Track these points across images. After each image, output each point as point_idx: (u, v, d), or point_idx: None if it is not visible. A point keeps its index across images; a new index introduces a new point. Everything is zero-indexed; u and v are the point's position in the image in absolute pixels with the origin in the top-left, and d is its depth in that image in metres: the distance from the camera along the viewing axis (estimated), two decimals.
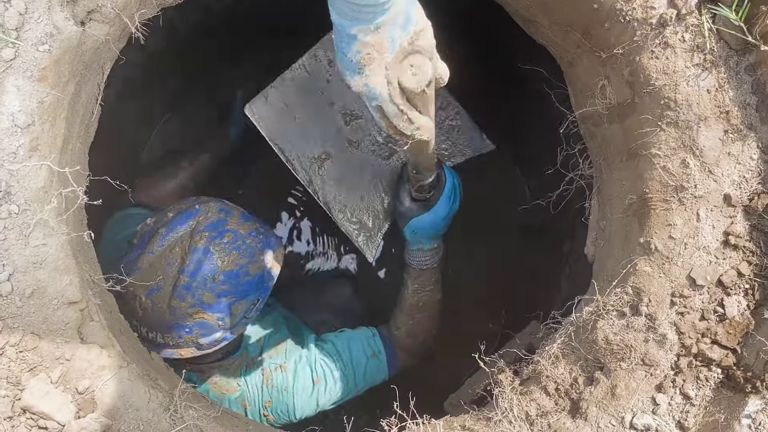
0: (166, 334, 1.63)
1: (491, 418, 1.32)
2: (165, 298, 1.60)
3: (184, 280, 1.60)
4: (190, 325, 1.63)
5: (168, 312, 1.60)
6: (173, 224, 1.67)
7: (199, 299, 1.62)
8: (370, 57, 1.00)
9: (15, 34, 1.13)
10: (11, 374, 1.10)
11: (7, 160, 1.11)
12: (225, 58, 2.99)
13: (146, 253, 1.64)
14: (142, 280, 1.58)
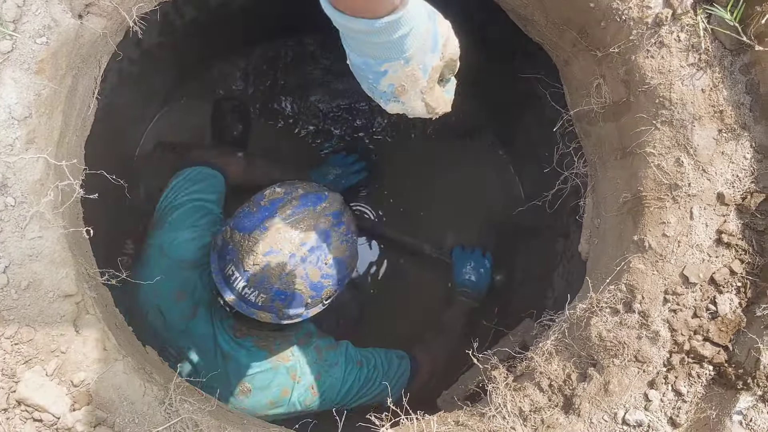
0: (263, 294, 1.71)
1: (485, 413, 1.33)
2: (281, 264, 1.69)
3: (303, 252, 1.71)
4: (287, 293, 1.72)
5: (277, 276, 1.69)
6: (305, 200, 1.79)
7: (306, 274, 1.73)
8: (404, 88, 0.98)
9: (13, 26, 1.12)
10: (6, 366, 1.09)
11: (4, 152, 1.11)
12: (220, 53, 2.99)
13: (276, 217, 1.73)
14: (264, 239, 1.70)
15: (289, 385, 1.92)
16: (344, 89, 3.12)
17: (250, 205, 1.80)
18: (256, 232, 1.70)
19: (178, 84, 2.94)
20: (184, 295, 1.87)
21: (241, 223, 1.73)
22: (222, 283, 1.73)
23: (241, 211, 1.79)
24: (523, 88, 2.67)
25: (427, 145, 3.14)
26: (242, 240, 1.70)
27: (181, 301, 1.87)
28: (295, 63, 3.09)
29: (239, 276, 1.70)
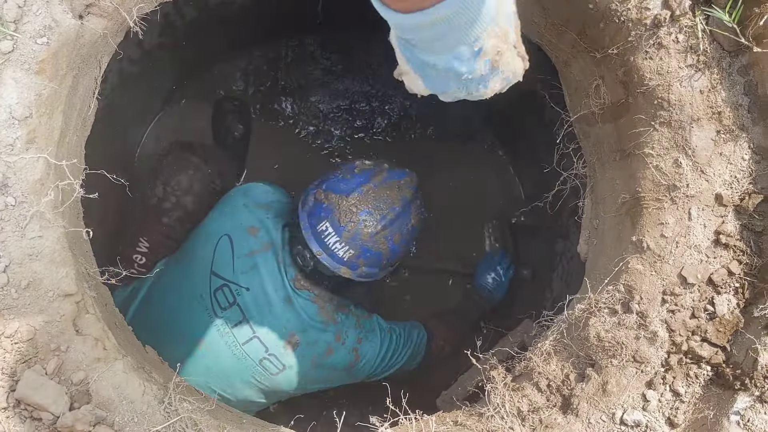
0: (351, 250, 1.90)
1: (483, 413, 1.33)
2: (372, 224, 1.90)
3: (391, 216, 1.93)
4: (372, 251, 1.93)
5: (368, 235, 1.90)
6: (391, 173, 2.02)
7: (391, 236, 1.95)
8: (501, 53, 0.85)
9: (13, 27, 1.13)
10: (6, 365, 1.10)
11: (4, 152, 1.12)
12: (221, 53, 2.99)
13: (369, 183, 1.95)
14: (360, 201, 1.91)
15: (334, 345, 2.03)
16: (344, 89, 3.13)
17: (343, 172, 2.01)
18: (353, 194, 1.91)
19: (178, 84, 2.95)
20: (256, 231, 2.01)
21: (336, 185, 1.94)
22: (312, 237, 1.90)
23: (334, 177, 1.99)
24: (522, 89, 2.67)
25: (426, 145, 3.15)
26: (339, 200, 1.90)
27: (252, 235, 2.00)
28: (296, 63, 3.09)
29: (333, 232, 1.89)
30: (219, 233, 2.01)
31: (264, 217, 2.05)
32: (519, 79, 0.93)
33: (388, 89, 3.14)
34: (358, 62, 3.13)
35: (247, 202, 2.08)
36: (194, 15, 2.47)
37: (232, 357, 1.96)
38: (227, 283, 1.96)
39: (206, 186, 2.39)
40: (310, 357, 2.00)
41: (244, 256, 1.97)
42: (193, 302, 1.98)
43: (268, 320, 1.94)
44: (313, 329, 1.99)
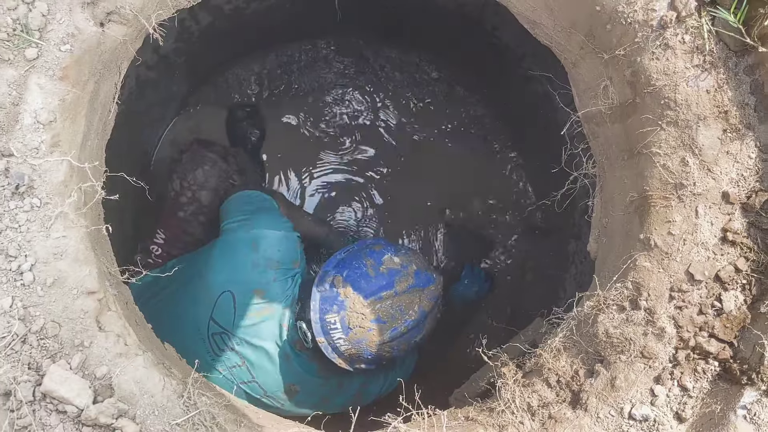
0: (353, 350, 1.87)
1: (494, 408, 1.36)
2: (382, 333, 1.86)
3: (404, 329, 1.89)
4: (374, 356, 1.90)
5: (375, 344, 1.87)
6: (418, 279, 1.95)
7: (398, 346, 1.92)
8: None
9: (38, 35, 1.17)
10: (33, 360, 1.14)
11: (30, 155, 1.16)
12: (235, 57, 3.04)
13: (391, 290, 1.89)
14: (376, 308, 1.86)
15: (333, 393, 2.07)
16: (358, 92, 3.17)
17: (368, 267, 1.92)
18: (372, 299, 1.85)
19: (194, 88, 3.00)
20: (262, 294, 1.96)
21: (357, 282, 1.88)
22: (318, 324, 1.87)
23: (358, 269, 1.92)
24: (535, 90, 2.70)
25: (439, 146, 3.17)
26: (356, 300, 1.84)
27: (257, 296, 1.96)
28: (309, 66, 3.13)
29: (340, 329, 1.85)
30: (222, 287, 1.96)
31: (271, 280, 1.99)
32: None
33: (401, 91, 3.17)
34: (371, 65, 3.17)
35: (257, 260, 1.99)
36: (209, 20, 2.52)
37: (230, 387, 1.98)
38: (226, 332, 1.96)
39: (223, 182, 2.44)
40: (309, 403, 2.04)
41: (246, 315, 1.95)
42: (192, 332, 1.99)
43: (267, 371, 1.96)
44: (311, 383, 2.00)
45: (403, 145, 3.15)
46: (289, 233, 2.08)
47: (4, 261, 1.14)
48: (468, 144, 3.18)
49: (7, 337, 1.11)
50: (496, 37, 2.71)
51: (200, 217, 2.42)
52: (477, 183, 3.16)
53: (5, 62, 1.15)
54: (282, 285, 1.98)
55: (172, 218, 2.41)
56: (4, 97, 1.15)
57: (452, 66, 3.18)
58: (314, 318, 1.87)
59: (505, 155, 3.20)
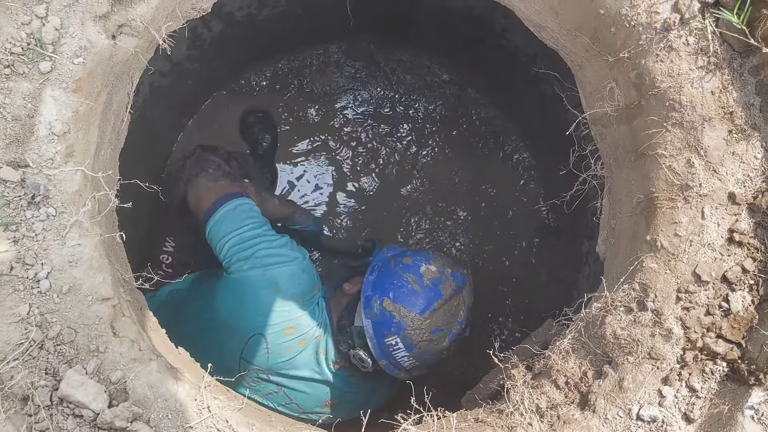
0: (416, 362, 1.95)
1: (503, 410, 1.37)
2: (442, 339, 1.95)
3: (458, 330, 1.99)
4: (434, 361, 2.00)
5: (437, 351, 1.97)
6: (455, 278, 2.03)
7: (455, 347, 2.01)
8: None
9: (51, 48, 1.20)
10: (50, 366, 1.17)
11: (45, 165, 1.19)
12: (247, 63, 3.07)
13: (441, 298, 1.96)
14: (433, 319, 1.93)
15: (369, 398, 2.15)
16: (369, 96, 3.19)
17: (411, 283, 1.98)
18: (428, 312, 1.92)
19: (207, 94, 3.04)
20: (293, 330, 1.97)
21: (408, 300, 1.94)
22: (378, 348, 1.95)
23: (402, 287, 1.98)
24: (545, 91, 2.70)
25: (453, 147, 3.19)
26: (413, 318, 1.91)
27: (288, 335, 1.97)
28: (321, 71, 3.16)
29: (403, 348, 1.93)
30: (251, 330, 1.96)
31: (299, 314, 1.99)
32: None
33: (412, 94, 3.19)
34: (382, 68, 3.19)
35: (283, 300, 1.97)
36: (221, 27, 2.55)
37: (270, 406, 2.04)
38: (260, 369, 1.99)
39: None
40: (346, 409, 2.11)
41: (280, 352, 1.97)
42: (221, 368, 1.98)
43: (306, 394, 2.02)
44: (348, 394, 2.11)
45: (417, 148, 3.17)
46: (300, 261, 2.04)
47: (21, 269, 1.17)
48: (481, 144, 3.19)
49: (24, 343, 1.14)
50: (506, 39, 2.71)
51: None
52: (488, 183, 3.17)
53: (20, 76, 1.19)
54: (310, 315, 2.01)
55: (180, 224, 2.43)
56: (19, 110, 1.18)
57: (463, 68, 3.19)
58: (372, 344, 1.95)
59: (518, 156, 3.20)
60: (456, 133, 3.20)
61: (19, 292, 1.16)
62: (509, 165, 3.21)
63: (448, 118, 3.19)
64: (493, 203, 3.18)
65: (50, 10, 1.21)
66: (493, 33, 2.73)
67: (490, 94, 3.21)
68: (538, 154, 3.14)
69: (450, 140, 3.20)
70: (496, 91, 3.19)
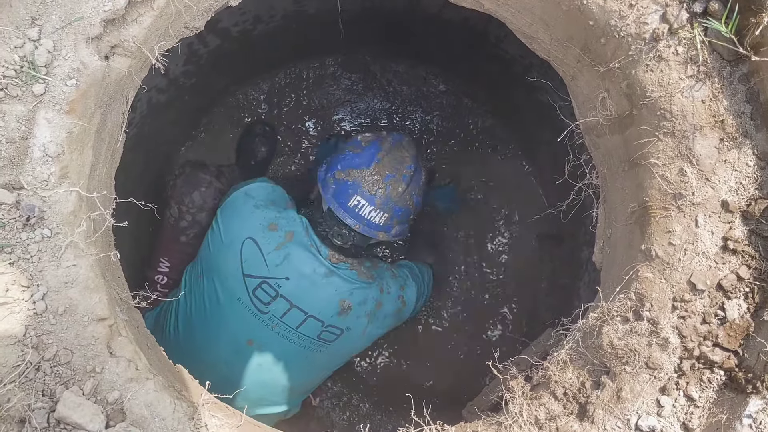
0: (385, 214, 2.07)
1: (502, 422, 1.36)
2: (398, 183, 2.08)
3: (410, 173, 2.12)
4: (403, 209, 2.12)
5: (397, 195, 2.08)
6: (393, 138, 2.20)
7: (413, 190, 2.14)
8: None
9: (44, 71, 1.21)
10: (46, 387, 1.17)
11: (40, 187, 1.20)
12: (244, 78, 3.09)
13: (382, 150, 2.13)
14: (381, 167, 2.08)
15: (380, 298, 2.22)
16: (366, 107, 3.20)
17: (352, 148, 2.18)
18: (373, 165, 2.08)
19: (205, 109, 3.05)
20: (275, 227, 2.10)
21: (353, 161, 2.11)
22: (346, 214, 2.06)
23: (345, 156, 2.16)
24: (542, 99, 2.71)
25: (450, 157, 3.19)
26: (362, 173, 2.07)
27: (273, 231, 2.09)
28: (317, 84, 3.18)
29: (366, 203, 2.05)
30: (240, 238, 2.07)
31: (275, 213, 2.13)
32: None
33: (409, 105, 3.20)
34: (379, 80, 3.20)
35: (257, 203, 2.15)
36: (217, 42, 2.56)
37: (288, 343, 2.10)
38: (264, 280, 2.05)
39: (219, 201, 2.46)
40: (364, 314, 2.17)
41: (273, 251, 2.05)
42: (233, 307, 2.06)
43: (317, 297, 2.08)
44: (358, 290, 2.14)
45: None
46: (269, 181, 2.29)
47: (17, 291, 1.17)
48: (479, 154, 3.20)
49: (21, 365, 1.15)
50: (501, 49, 2.72)
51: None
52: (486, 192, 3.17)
53: (14, 98, 1.19)
54: (287, 215, 2.14)
55: (174, 244, 2.43)
56: (13, 132, 1.19)
57: (459, 78, 3.20)
58: (341, 213, 2.06)
59: (515, 164, 3.21)
60: (453, 142, 3.21)
61: (15, 314, 1.16)
62: (507, 174, 3.21)
63: (445, 128, 3.20)
64: (491, 212, 3.18)
65: (43, 33, 1.22)
66: (488, 43, 2.74)
67: (486, 104, 3.22)
68: (537, 161, 3.14)
69: (447, 150, 3.21)
70: (492, 101, 3.20)
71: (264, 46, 2.83)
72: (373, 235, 2.09)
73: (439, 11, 2.69)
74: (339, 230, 2.10)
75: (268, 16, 2.61)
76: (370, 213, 2.06)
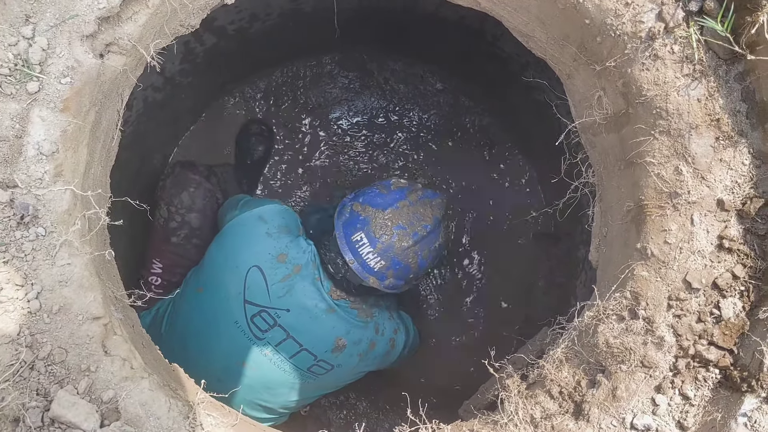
0: (382, 261, 2.02)
1: (498, 421, 1.36)
2: (405, 238, 2.03)
3: (423, 233, 2.06)
4: (401, 265, 2.05)
5: (400, 248, 2.03)
6: (427, 192, 2.17)
7: (420, 252, 2.07)
8: None
9: (39, 69, 1.21)
10: (41, 386, 1.17)
11: (34, 185, 1.19)
12: (241, 76, 3.08)
13: (405, 200, 2.09)
14: (395, 216, 2.05)
15: (374, 338, 2.20)
16: (363, 106, 3.20)
17: (379, 188, 2.16)
18: (389, 210, 2.04)
19: (201, 108, 3.04)
20: (284, 257, 2.08)
21: (374, 200, 2.08)
22: (346, 246, 2.02)
23: (370, 192, 2.14)
24: (538, 98, 2.71)
25: (448, 155, 3.19)
26: (375, 213, 2.03)
27: (281, 262, 2.06)
28: (314, 82, 3.17)
29: (367, 243, 2.01)
30: (247, 265, 2.04)
31: (287, 243, 2.09)
32: None
33: (406, 103, 3.20)
34: (376, 78, 3.20)
35: (269, 230, 2.11)
36: (213, 41, 2.56)
37: (278, 371, 2.09)
38: (265, 309, 2.03)
39: (209, 201, 2.47)
40: (357, 353, 2.15)
41: (278, 282, 2.03)
42: (228, 328, 2.04)
43: (314, 332, 2.06)
44: (355, 329, 2.13)
45: (411, 156, 3.17)
46: (282, 204, 2.26)
47: (12, 289, 1.17)
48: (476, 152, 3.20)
49: (15, 364, 1.14)
50: (498, 48, 2.72)
51: (193, 240, 2.43)
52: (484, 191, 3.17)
53: (8, 96, 1.19)
54: (299, 245, 2.11)
55: (165, 245, 2.42)
56: (7, 131, 1.18)
57: (456, 77, 3.20)
58: (341, 243, 2.03)
59: (513, 163, 3.21)
60: (450, 141, 3.21)
61: (9, 313, 1.16)
62: (504, 172, 3.21)
63: (443, 126, 3.20)
64: (488, 211, 3.18)
65: (37, 31, 1.21)
66: (484, 42, 2.74)
67: (483, 103, 3.22)
68: (533, 161, 3.14)
69: (444, 149, 3.21)
70: (489, 99, 3.20)
71: (260, 45, 2.83)
72: (364, 277, 2.04)
73: (436, 9, 2.68)
74: (335, 259, 2.06)
75: (265, 14, 2.61)
76: (367, 254, 2.02)
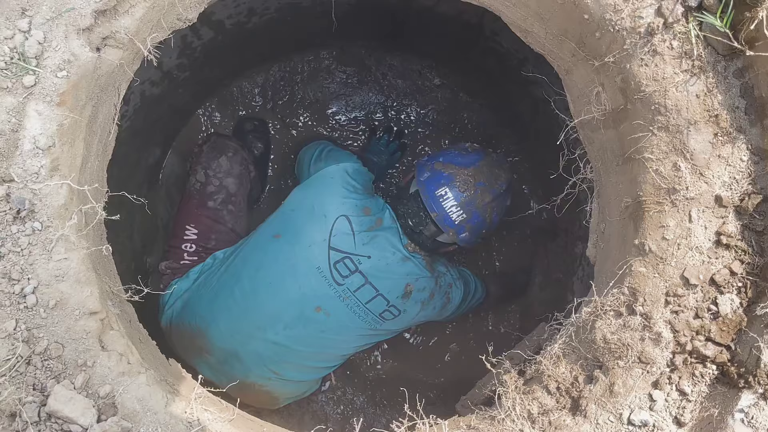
0: (464, 215, 2.17)
1: (495, 417, 1.36)
2: (486, 193, 2.19)
3: (501, 190, 2.25)
4: (480, 219, 2.21)
5: (480, 203, 2.19)
6: (497, 156, 2.37)
7: (496, 208, 2.26)
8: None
9: (35, 62, 1.20)
10: (37, 381, 1.17)
11: (30, 180, 1.19)
12: (239, 71, 3.07)
13: (485, 160, 2.26)
14: (478, 173, 2.20)
15: (434, 290, 2.35)
16: (361, 101, 3.19)
17: (458, 149, 2.34)
18: (471, 168, 2.21)
19: (198, 102, 3.03)
20: (369, 211, 2.26)
21: (455, 159, 2.25)
22: (431, 200, 2.18)
23: (449, 153, 2.32)
24: (537, 94, 2.71)
25: None
26: (459, 171, 2.19)
27: (366, 215, 2.25)
28: (312, 77, 3.16)
29: (452, 197, 2.17)
30: (335, 214, 2.21)
31: (369, 199, 2.29)
32: None
33: (404, 99, 3.19)
34: (374, 73, 3.19)
35: (356, 187, 2.29)
36: (211, 35, 2.55)
37: (353, 315, 2.24)
38: (348, 256, 2.19)
39: (245, 170, 2.51)
40: (420, 300, 2.31)
41: (363, 231, 2.22)
42: (309, 273, 2.18)
43: (389, 278, 2.23)
44: (422, 279, 2.29)
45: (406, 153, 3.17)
46: (359, 160, 2.43)
47: (8, 284, 1.17)
48: None
49: (11, 359, 1.14)
50: (496, 42, 2.71)
51: (229, 206, 2.46)
52: None
53: (4, 90, 1.18)
54: (377, 202, 2.31)
55: (202, 209, 2.43)
56: (3, 125, 1.18)
57: (454, 72, 3.19)
58: (426, 198, 2.18)
59: (511, 159, 3.20)
60: (449, 137, 3.20)
61: (5, 308, 1.16)
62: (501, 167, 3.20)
63: (441, 122, 3.19)
64: None
65: (33, 24, 1.21)
66: (483, 37, 2.73)
67: (482, 98, 3.22)
68: (532, 156, 3.14)
69: (442, 144, 3.20)
70: (488, 95, 3.19)
71: (258, 39, 2.82)
72: (444, 229, 2.18)
73: (435, 4, 2.67)
74: (416, 212, 2.21)
75: (263, 9, 2.60)
76: (450, 207, 2.16)
